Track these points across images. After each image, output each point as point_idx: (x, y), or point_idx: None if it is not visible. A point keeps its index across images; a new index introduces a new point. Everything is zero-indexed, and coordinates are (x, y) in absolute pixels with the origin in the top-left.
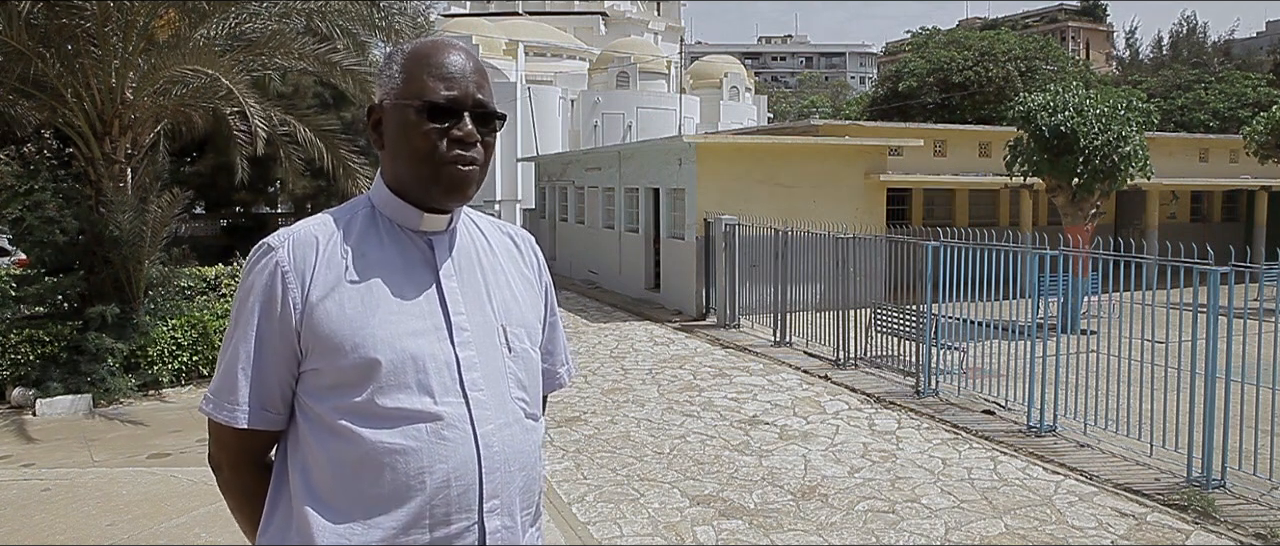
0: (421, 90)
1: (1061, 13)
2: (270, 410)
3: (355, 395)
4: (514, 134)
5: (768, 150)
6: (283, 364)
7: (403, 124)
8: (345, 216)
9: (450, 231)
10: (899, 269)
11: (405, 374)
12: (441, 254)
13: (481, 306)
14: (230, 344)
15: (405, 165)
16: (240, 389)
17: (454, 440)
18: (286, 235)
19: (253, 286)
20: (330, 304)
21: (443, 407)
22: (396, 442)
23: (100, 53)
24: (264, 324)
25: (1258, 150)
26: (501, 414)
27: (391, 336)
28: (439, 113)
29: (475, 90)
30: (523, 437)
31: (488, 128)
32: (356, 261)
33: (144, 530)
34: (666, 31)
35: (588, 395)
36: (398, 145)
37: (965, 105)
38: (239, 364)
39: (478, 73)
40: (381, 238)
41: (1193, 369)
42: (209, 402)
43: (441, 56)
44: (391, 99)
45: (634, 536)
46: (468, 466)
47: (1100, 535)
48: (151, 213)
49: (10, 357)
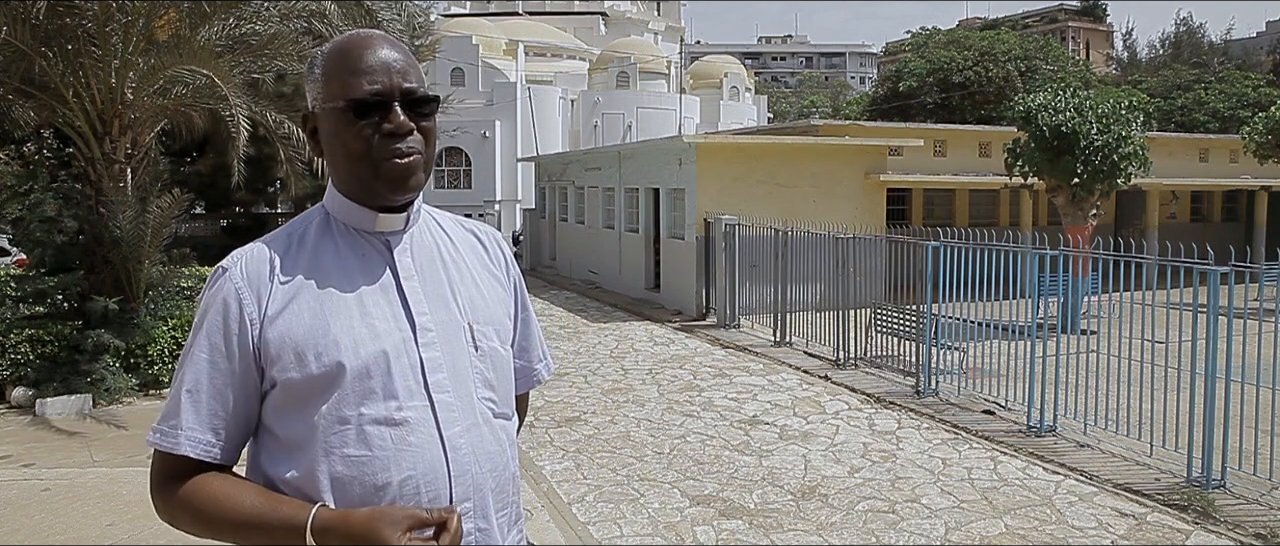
0: (344, 89)
1: (1061, 13)
2: (216, 438)
3: (320, 404)
4: (514, 134)
5: (768, 150)
6: (239, 386)
7: (334, 126)
8: (300, 228)
9: (409, 230)
10: (899, 269)
11: (370, 378)
12: (400, 254)
13: (446, 304)
14: (180, 370)
15: (344, 168)
16: (184, 412)
17: (420, 445)
18: (240, 255)
19: (206, 309)
20: (289, 315)
21: (408, 412)
22: (362, 453)
23: (100, 53)
24: (218, 346)
25: (1257, 150)
26: (468, 415)
27: (354, 341)
28: (365, 109)
29: (401, 79)
30: (492, 438)
31: (422, 113)
32: (313, 270)
33: (144, 530)
34: (666, 31)
35: (588, 395)
36: (333, 149)
37: (965, 105)
38: (185, 387)
39: (401, 59)
40: (337, 244)
41: (1193, 369)
42: (154, 432)
43: (359, 50)
44: (320, 103)
45: (634, 536)
46: (436, 470)
47: (1100, 535)
48: (151, 213)
49: (10, 357)
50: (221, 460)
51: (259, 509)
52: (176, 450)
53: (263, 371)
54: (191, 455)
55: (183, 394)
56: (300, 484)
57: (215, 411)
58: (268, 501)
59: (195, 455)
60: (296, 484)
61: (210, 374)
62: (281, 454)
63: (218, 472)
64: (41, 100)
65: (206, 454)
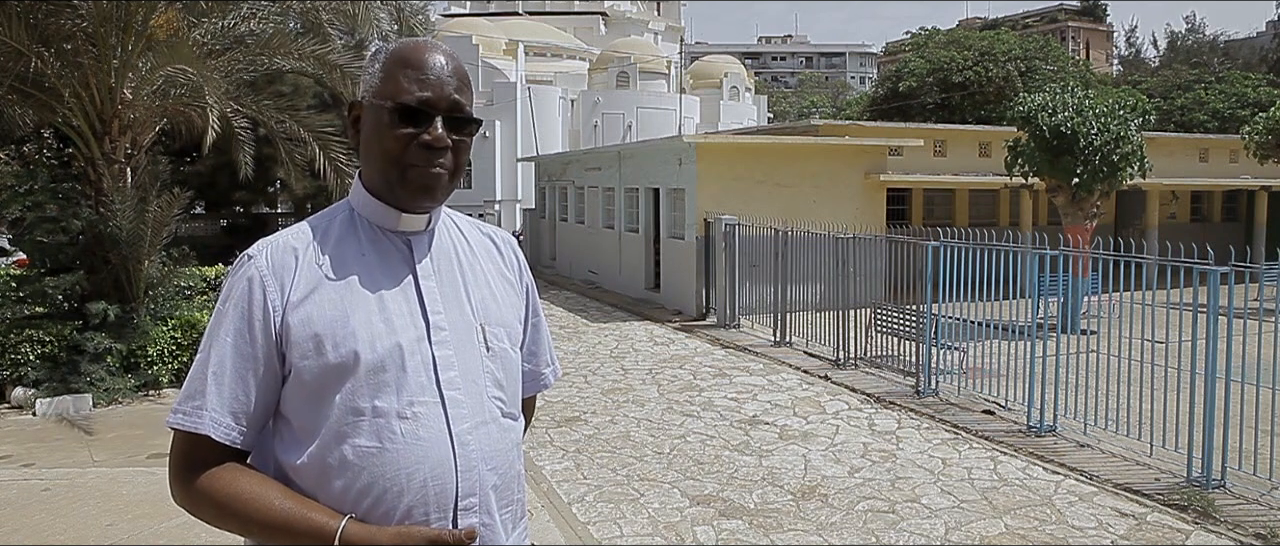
0: (396, 91)
1: (1061, 13)
2: (236, 423)
3: (334, 394)
4: (514, 134)
5: (768, 150)
6: (260, 371)
7: (376, 124)
8: (324, 222)
9: (429, 231)
10: (899, 269)
11: (384, 372)
12: (420, 254)
13: (460, 305)
14: (204, 352)
15: (376, 165)
16: (208, 393)
17: (429, 439)
18: (265, 243)
19: (231, 293)
20: (310, 304)
21: (419, 407)
22: (372, 444)
23: (99, 52)
24: (241, 329)
25: (1257, 150)
26: (478, 413)
27: (371, 335)
28: (411, 115)
29: (452, 93)
30: (500, 436)
31: (462, 132)
32: (335, 263)
33: (144, 530)
34: (666, 31)
35: (588, 395)
36: (370, 144)
37: (965, 105)
38: (210, 368)
39: (456, 75)
40: (360, 239)
41: (1193, 369)
42: (175, 413)
43: (421, 57)
44: (369, 97)
45: (634, 536)
46: (443, 466)
47: (1100, 535)
48: (151, 212)
49: (10, 357)
50: (242, 445)
51: (289, 512)
52: (200, 429)
53: (283, 356)
54: (213, 436)
55: (208, 374)
56: (310, 471)
57: (237, 395)
58: (299, 505)
59: (217, 436)
60: (306, 471)
61: (234, 358)
62: (293, 440)
63: (241, 467)
64: (40, 100)
65: (227, 437)
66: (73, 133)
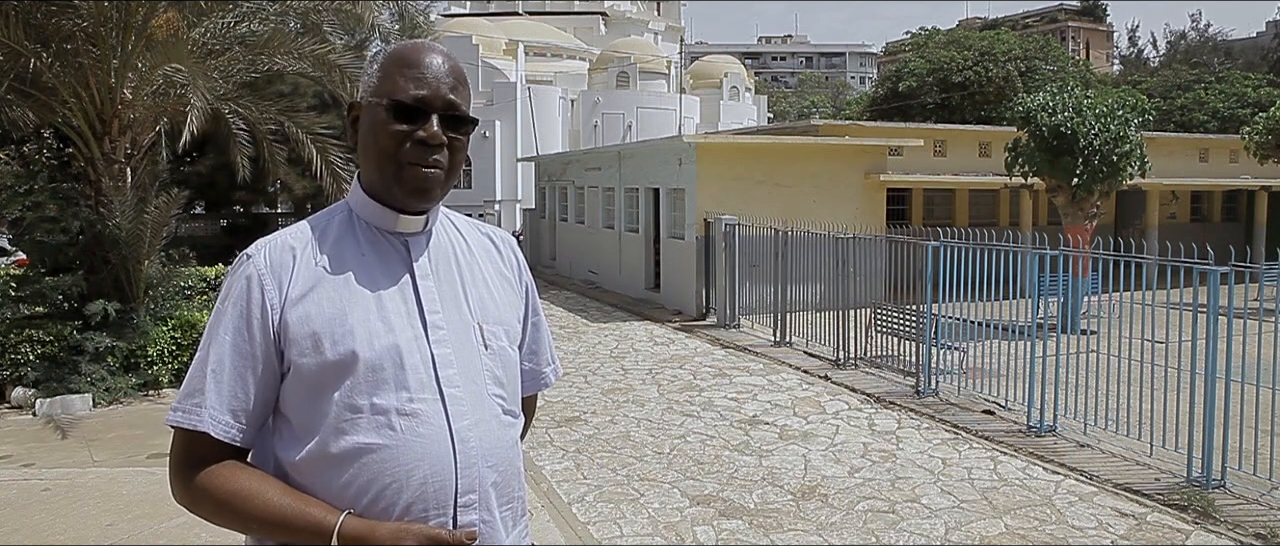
0: (392, 89)
1: (1061, 13)
2: (235, 420)
3: (333, 391)
4: (514, 134)
5: (768, 150)
6: (259, 369)
7: (372, 122)
8: (322, 222)
9: (427, 232)
10: (899, 269)
11: (382, 370)
12: (417, 254)
13: (458, 304)
14: (203, 350)
15: (372, 164)
16: (207, 391)
17: (429, 436)
18: (264, 243)
19: (230, 292)
20: (308, 302)
21: (418, 404)
22: (372, 441)
23: (98, 52)
24: (240, 328)
25: (1257, 150)
26: (478, 410)
27: (369, 333)
28: (406, 113)
29: (448, 92)
30: (500, 434)
31: (458, 131)
32: (334, 262)
33: (144, 530)
34: (666, 31)
35: (588, 395)
36: (367, 143)
37: (965, 105)
38: (209, 366)
39: (453, 75)
40: (358, 240)
41: (1193, 369)
42: (175, 411)
43: (418, 57)
44: (367, 96)
45: (634, 536)
46: (443, 463)
47: (1100, 535)
48: (151, 212)
49: (10, 357)
50: (241, 443)
51: (287, 508)
52: (199, 426)
53: (282, 354)
54: (212, 433)
55: (207, 372)
56: (310, 468)
57: (236, 393)
58: (297, 501)
59: (216, 434)
60: (305, 468)
61: (233, 356)
62: (293, 438)
63: (241, 464)
64: (40, 100)
65: (226, 434)
66: (72, 133)
